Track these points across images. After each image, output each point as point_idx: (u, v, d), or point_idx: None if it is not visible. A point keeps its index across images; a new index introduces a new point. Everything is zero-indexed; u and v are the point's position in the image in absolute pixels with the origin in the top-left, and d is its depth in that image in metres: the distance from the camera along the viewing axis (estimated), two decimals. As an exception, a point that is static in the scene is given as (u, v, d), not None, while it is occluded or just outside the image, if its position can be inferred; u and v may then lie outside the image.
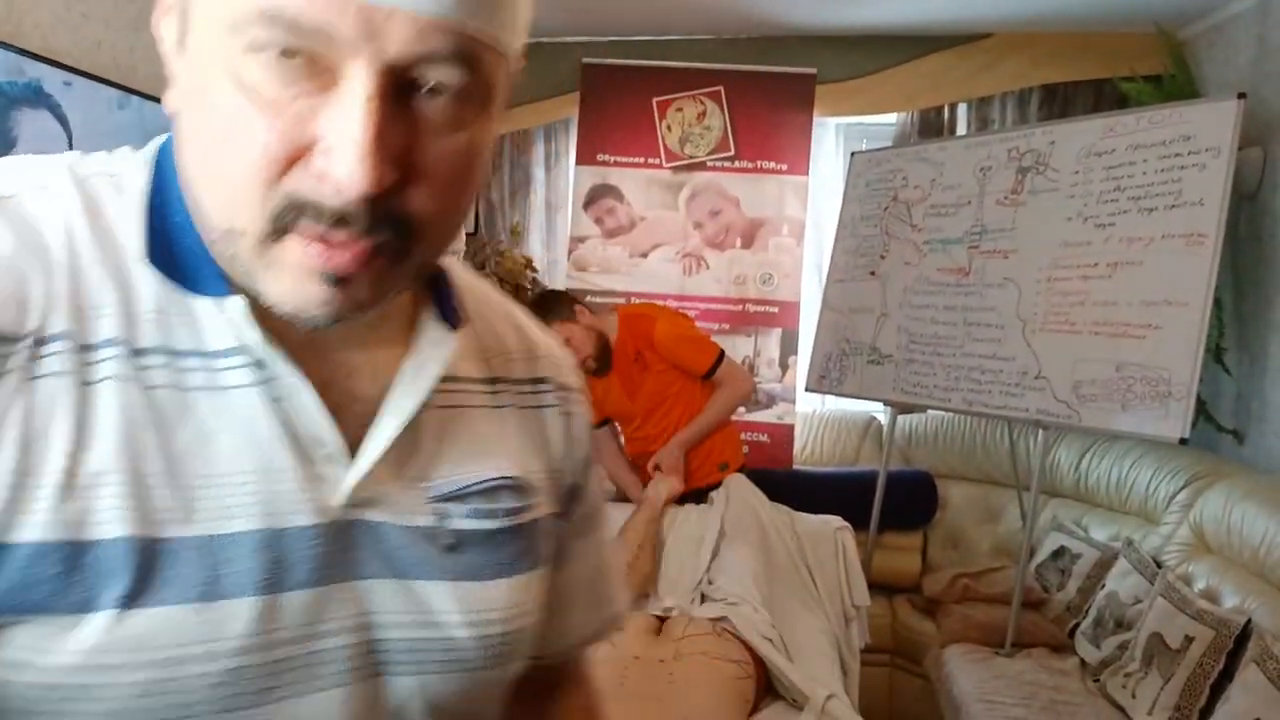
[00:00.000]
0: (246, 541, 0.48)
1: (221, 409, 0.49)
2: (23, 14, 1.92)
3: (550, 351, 0.69)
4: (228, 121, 0.45)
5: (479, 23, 0.46)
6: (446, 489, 0.56)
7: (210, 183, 0.47)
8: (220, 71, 0.44)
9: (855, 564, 2.48)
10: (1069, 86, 3.67)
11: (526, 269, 3.68)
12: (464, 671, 0.55)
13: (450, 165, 0.48)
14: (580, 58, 3.81)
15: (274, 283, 0.47)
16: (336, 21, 0.42)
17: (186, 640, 0.45)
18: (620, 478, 2.98)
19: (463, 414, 0.59)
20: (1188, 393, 2.44)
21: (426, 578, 0.54)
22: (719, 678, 1.80)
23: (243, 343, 0.49)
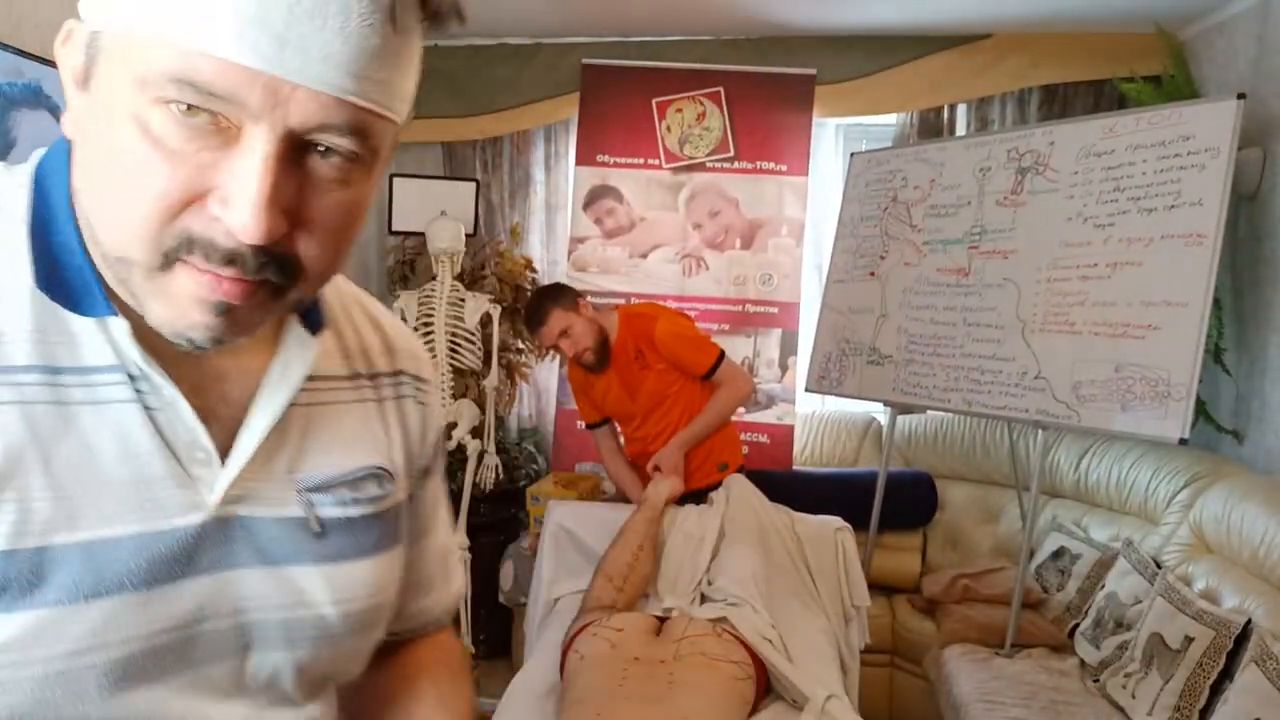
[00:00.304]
0: (128, 544, 0.52)
1: (101, 422, 0.52)
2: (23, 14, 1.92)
3: (408, 345, 0.73)
4: (130, 163, 0.48)
5: (373, 98, 0.50)
6: (315, 480, 0.61)
7: (107, 215, 0.50)
8: (125, 116, 0.47)
9: (855, 564, 2.48)
10: (1069, 87, 3.67)
11: (526, 269, 3.68)
12: (331, 643, 0.61)
13: (335, 217, 0.52)
14: (580, 58, 3.81)
15: (162, 308, 0.50)
16: (244, 92, 0.46)
17: (77, 635, 0.50)
18: (620, 478, 2.98)
19: (327, 409, 0.63)
20: (1187, 393, 2.44)
21: (297, 563, 0.59)
22: (719, 678, 1.80)
23: (122, 360, 0.53)
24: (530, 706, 1.92)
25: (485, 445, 3.24)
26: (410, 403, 0.71)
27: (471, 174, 3.93)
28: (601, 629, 1.96)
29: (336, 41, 0.47)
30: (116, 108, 0.48)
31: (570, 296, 2.72)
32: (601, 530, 2.55)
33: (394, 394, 0.70)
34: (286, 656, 0.60)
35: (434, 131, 3.93)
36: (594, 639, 1.93)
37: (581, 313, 2.71)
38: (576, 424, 3.65)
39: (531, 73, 3.88)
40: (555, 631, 2.26)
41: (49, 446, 0.51)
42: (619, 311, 2.86)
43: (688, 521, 2.52)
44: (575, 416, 3.58)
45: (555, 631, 2.26)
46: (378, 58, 0.49)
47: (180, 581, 0.54)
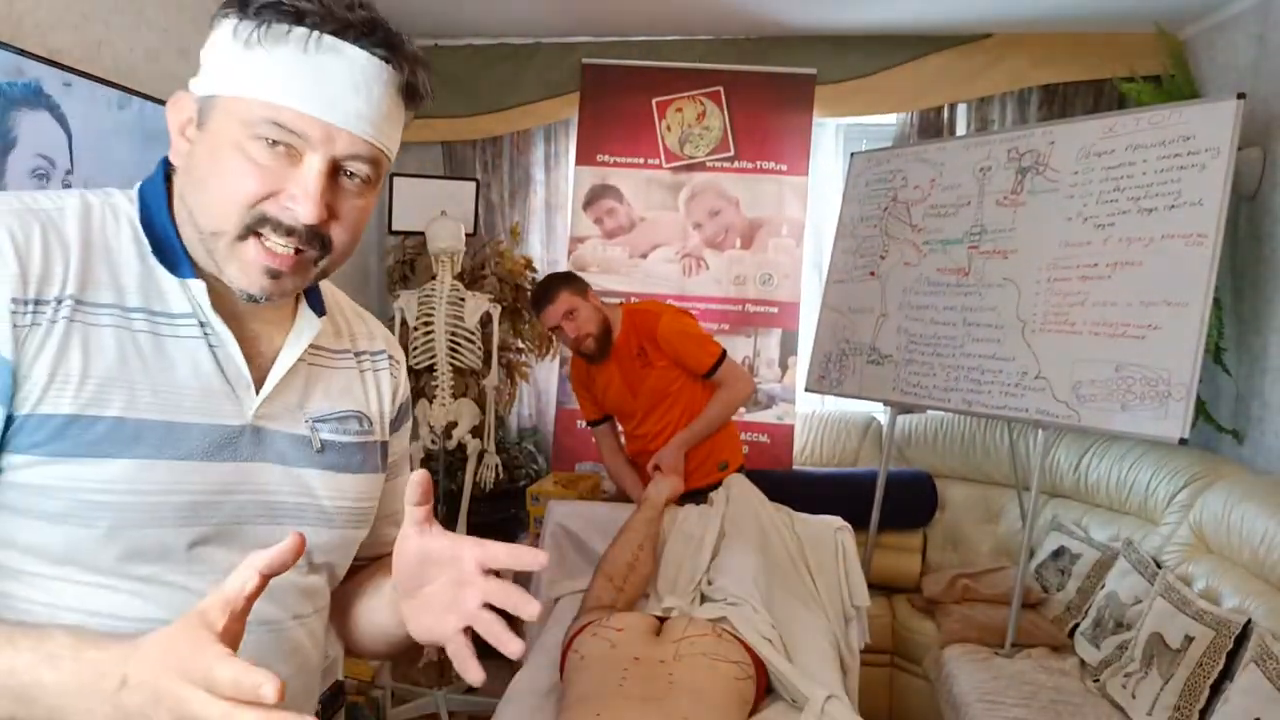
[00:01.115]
0: (194, 429, 0.79)
1: (181, 348, 0.80)
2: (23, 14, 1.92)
3: (384, 334, 1.02)
4: (232, 172, 0.77)
5: (382, 142, 0.82)
6: (316, 414, 0.89)
7: (210, 204, 0.79)
8: (231, 145, 0.77)
9: (855, 564, 2.48)
10: (1069, 87, 3.67)
11: (526, 269, 3.68)
12: (329, 528, 0.88)
13: (353, 216, 0.82)
14: (580, 58, 3.81)
15: (235, 271, 0.80)
16: (310, 131, 0.77)
17: (158, 479, 0.76)
18: (620, 476, 2.98)
19: (325, 370, 0.92)
20: (1187, 393, 2.44)
21: (304, 467, 0.86)
22: (719, 678, 1.80)
23: (195, 309, 0.81)
24: (530, 706, 1.92)
25: (485, 445, 3.24)
26: (385, 374, 0.98)
27: (471, 174, 3.93)
28: (601, 629, 1.96)
29: (366, 107, 0.79)
30: (224, 140, 0.77)
31: (580, 283, 2.77)
32: (601, 530, 2.55)
33: (373, 367, 0.97)
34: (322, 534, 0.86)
35: (434, 131, 3.93)
36: (594, 639, 1.93)
37: (589, 299, 2.73)
38: (577, 424, 3.65)
39: (531, 73, 3.88)
40: (555, 631, 2.26)
41: (147, 359, 0.78)
42: (623, 308, 2.86)
43: (688, 521, 2.52)
44: (575, 416, 3.58)
45: (555, 631, 2.26)
46: (385, 118, 0.81)
47: (226, 461, 0.81)
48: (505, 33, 3.85)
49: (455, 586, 0.78)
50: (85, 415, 0.74)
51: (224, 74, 0.78)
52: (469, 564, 0.76)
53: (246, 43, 0.76)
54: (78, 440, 0.73)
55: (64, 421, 0.73)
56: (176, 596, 0.78)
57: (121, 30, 2.26)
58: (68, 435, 0.73)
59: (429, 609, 0.80)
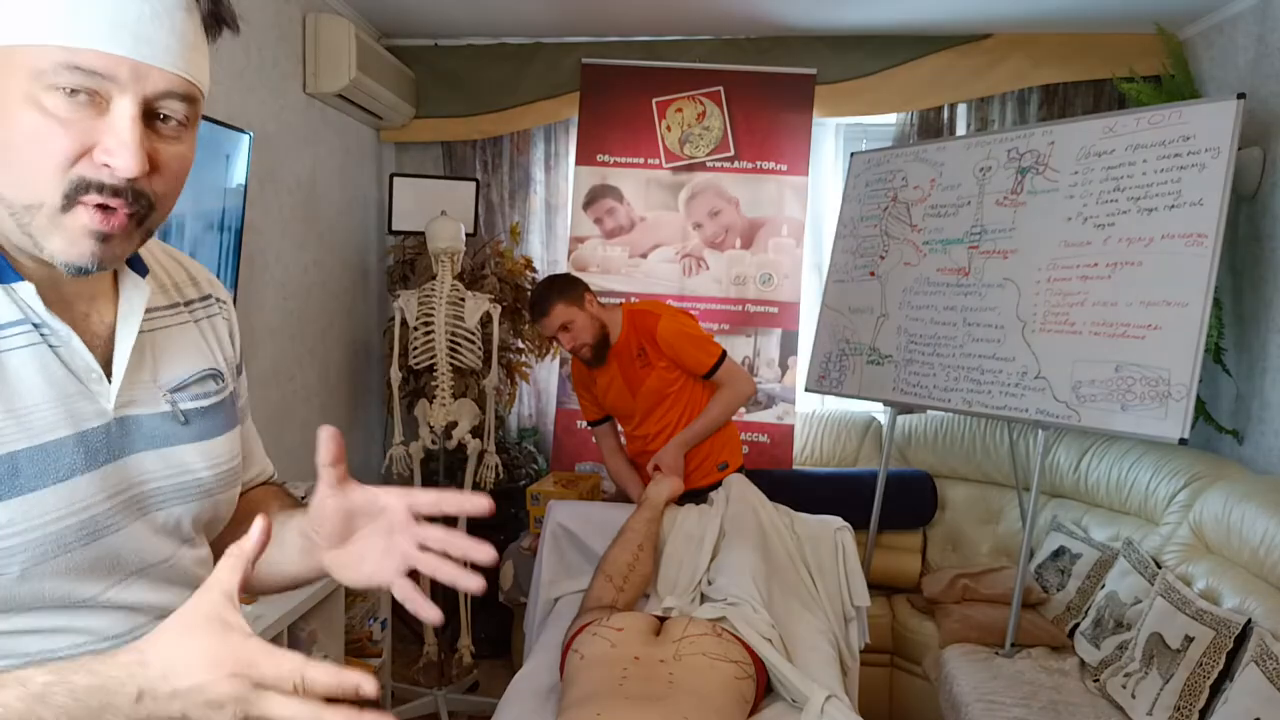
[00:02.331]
0: (67, 443, 0.73)
1: (23, 360, 0.72)
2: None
3: (205, 274, 0.96)
4: (30, 133, 0.67)
5: (195, 75, 0.73)
6: (172, 383, 0.83)
7: (15, 176, 0.68)
8: (21, 101, 0.67)
9: (855, 564, 2.48)
10: (1069, 87, 3.67)
11: (526, 269, 3.68)
12: (209, 496, 0.85)
13: (175, 163, 0.74)
14: (580, 58, 3.81)
15: (59, 242, 0.70)
16: (117, 71, 0.67)
17: (53, 507, 0.71)
18: (620, 476, 2.98)
19: (164, 332, 0.85)
20: (1187, 393, 2.44)
21: (176, 443, 0.82)
22: (719, 678, 1.80)
23: (24, 314, 0.72)
24: (530, 706, 1.92)
25: (485, 445, 3.24)
26: (219, 319, 0.94)
27: (471, 174, 3.93)
28: (601, 629, 1.96)
29: (172, 39, 0.70)
30: (13, 97, 0.67)
31: (577, 290, 2.73)
32: (601, 530, 2.55)
33: (205, 314, 0.92)
34: (182, 510, 0.82)
35: (434, 131, 3.93)
36: (594, 639, 1.93)
37: (586, 308, 2.72)
38: (577, 424, 3.65)
39: (531, 73, 3.88)
40: (555, 631, 2.26)
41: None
42: (623, 308, 2.86)
43: (688, 521, 2.52)
44: (575, 416, 3.58)
45: (555, 631, 2.26)
46: (194, 49, 0.72)
47: (105, 465, 0.75)
48: (505, 33, 3.85)
49: (385, 535, 0.82)
50: None
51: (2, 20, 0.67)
52: (398, 512, 0.81)
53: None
54: None
55: None
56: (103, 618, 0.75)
57: None
58: None
59: (366, 558, 0.83)
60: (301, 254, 3.22)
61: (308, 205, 3.26)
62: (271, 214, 2.95)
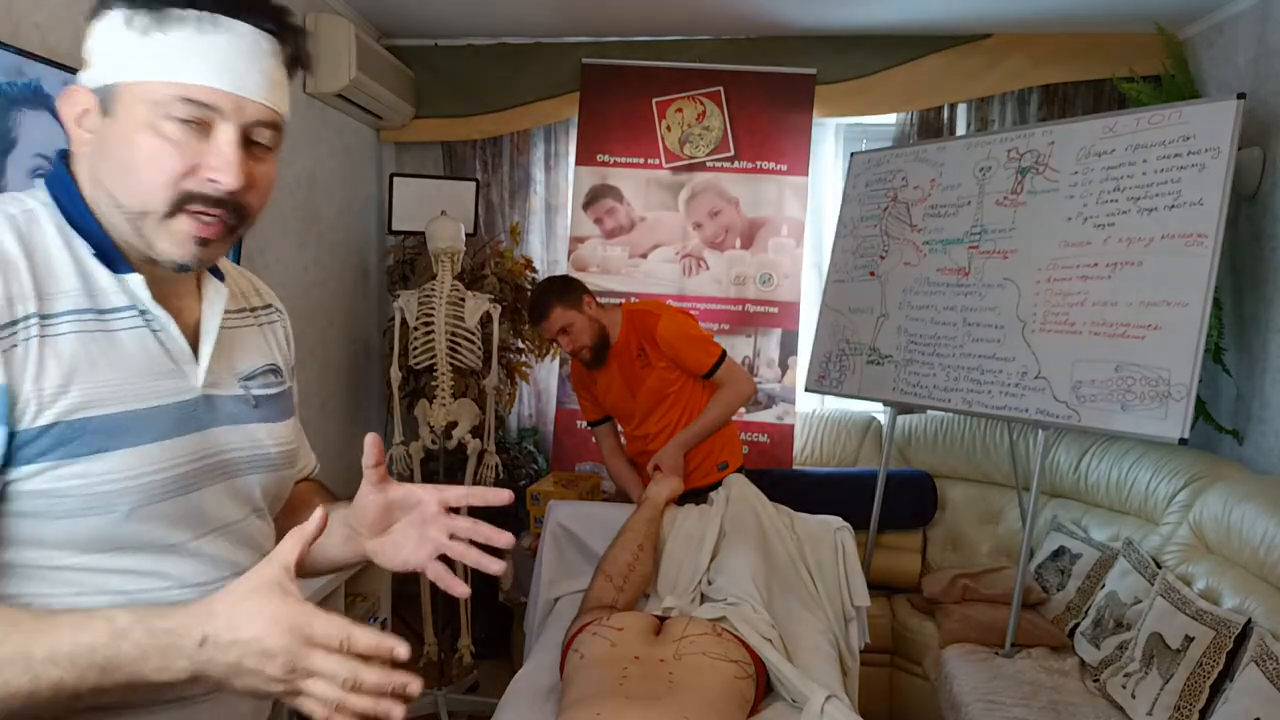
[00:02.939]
0: (162, 409, 0.87)
1: (129, 339, 0.86)
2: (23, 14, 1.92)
3: (265, 288, 1.13)
4: (148, 153, 0.83)
5: (280, 107, 0.89)
6: (243, 373, 0.98)
7: (132, 185, 0.84)
8: (143, 127, 0.82)
9: (855, 564, 2.48)
10: (1069, 87, 3.67)
11: (526, 269, 3.68)
12: (276, 471, 0.99)
13: (264, 180, 0.90)
14: (580, 58, 3.81)
15: (166, 243, 0.86)
16: (221, 103, 0.84)
17: (148, 461, 0.84)
18: (620, 476, 2.98)
19: (238, 332, 1.01)
20: (1187, 393, 2.44)
21: (249, 422, 0.96)
22: (719, 678, 1.80)
23: (132, 301, 0.87)
24: (530, 706, 1.92)
25: (485, 445, 3.24)
26: (277, 325, 1.10)
27: (471, 174, 3.93)
28: (601, 628, 1.96)
29: (262, 77, 0.86)
30: (136, 123, 0.83)
31: (575, 293, 2.72)
32: (601, 530, 2.55)
33: (267, 320, 1.08)
34: (255, 479, 0.96)
35: (434, 131, 3.93)
36: (594, 638, 1.93)
37: (584, 310, 2.72)
38: (577, 424, 3.65)
39: (531, 73, 3.88)
40: (555, 631, 2.26)
41: (107, 357, 0.84)
42: (623, 309, 2.86)
43: (688, 521, 2.52)
44: (575, 416, 3.58)
45: (555, 631, 2.26)
46: (278, 86, 0.88)
47: (194, 432, 0.90)
48: (505, 33, 3.85)
49: (420, 525, 0.98)
50: (75, 419, 0.80)
51: (123, 62, 0.83)
52: (430, 505, 0.98)
53: (144, 30, 0.82)
54: (74, 443, 0.80)
55: (61, 429, 0.80)
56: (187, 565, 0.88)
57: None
58: (65, 440, 0.80)
59: (403, 545, 0.99)
60: (301, 254, 3.22)
61: (308, 205, 3.26)
62: (271, 214, 2.95)
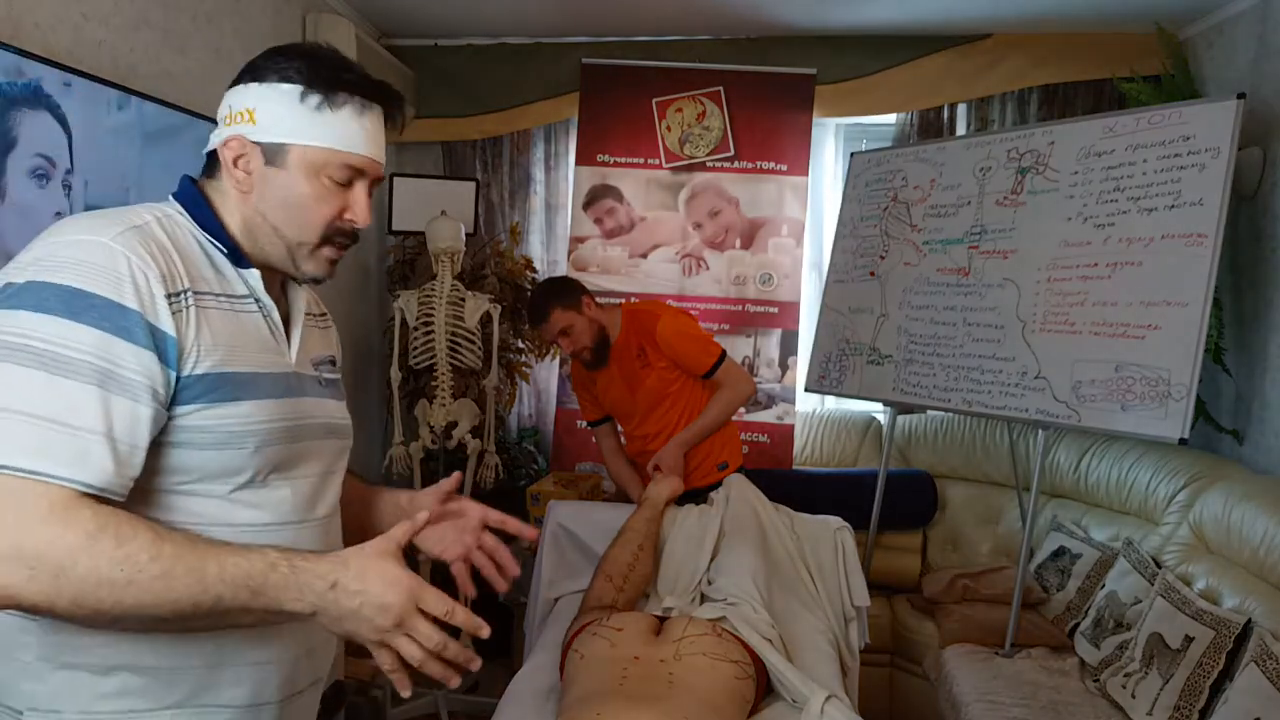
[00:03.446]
0: (275, 375, 1.08)
1: (249, 319, 1.08)
2: (22, 14, 1.92)
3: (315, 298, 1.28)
4: (313, 200, 1.08)
5: (384, 165, 1.14)
6: (316, 360, 1.20)
7: (296, 222, 1.09)
8: (308, 180, 1.07)
9: (855, 564, 2.48)
10: (1069, 87, 3.67)
11: (526, 269, 3.68)
12: (341, 439, 1.21)
13: (372, 216, 1.15)
14: (580, 58, 3.81)
15: (311, 265, 1.12)
16: (365, 167, 1.10)
17: (270, 412, 1.04)
18: (620, 476, 2.98)
19: (311, 330, 1.21)
20: (1187, 393, 2.44)
21: (325, 398, 1.19)
22: (719, 678, 1.80)
23: (251, 291, 1.09)
24: (530, 706, 1.92)
25: (485, 444, 3.24)
26: (331, 330, 1.31)
27: (471, 174, 3.93)
28: (601, 628, 1.96)
29: (379, 142, 1.12)
30: (302, 177, 1.07)
31: (574, 295, 2.72)
32: (601, 530, 2.54)
33: (324, 325, 1.29)
34: (330, 444, 1.18)
35: (434, 131, 3.93)
36: (594, 638, 1.93)
37: (584, 311, 2.71)
38: (577, 424, 3.65)
39: (531, 73, 3.88)
40: (555, 631, 2.26)
41: (236, 330, 1.05)
42: (623, 309, 2.85)
43: (688, 521, 2.52)
44: (575, 416, 3.58)
45: (555, 631, 2.26)
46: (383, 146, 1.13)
47: (294, 397, 1.10)
48: (505, 33, 3.85)
49: (459, 530, 1.29)
50: (220, 372, 1.00)
51: (296, 129, 1.06)
52: (474, 519, 1.30)
53: (316, 108, 1.06)
54: (219, 390, 1.00)
55: (211, 378, 0.99)
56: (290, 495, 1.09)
57: (121, 30, 2.26)
58: (214, 388, 0.99)
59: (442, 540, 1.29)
60: (301, 254, 3.21)
61: (308, 205, 3.26)
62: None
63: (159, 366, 0.94)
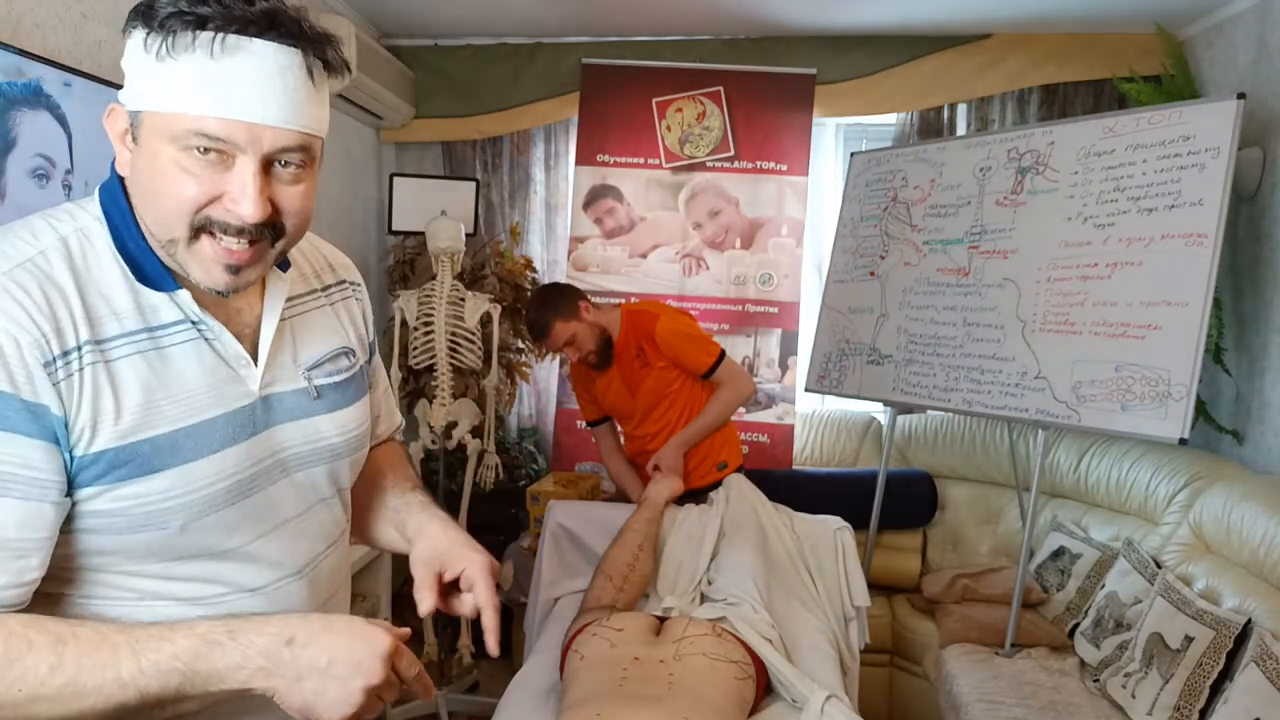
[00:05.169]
0: (217, 421, 0.88)
1: (184, 352, 0.87)
2: (22, 14, 1.92)
3: (341, 260, 1.13)
4: (171, 183, 0.81)
5: (309, 127, 0.84)
6: (309, 362, 0.99)
7: (159, 214, 0.83)
8: (166, 159, 0.81)
9: (855, 564, 2.48)
10: (1069, 87, 3.67)
11: (526, 269, 3.68)
12: (340, 459, 1.02)
13: (297, 200, 0.86)
14: (580, 58, 3.81)
15: (197, 269, 0.85)
16: (236, 135, 0.80)
17: (206, 475, 0.87)
18: (620, 476, 2.98)
19: (306, 317, 1.01)
20: (1187, 393, 2.44)
21: (311, 415, 0.98)
22: (719, 678, 1.80)
23: (185, 314, 0.88)
24: (530, 706, 1.92)
25: (485, 445, 3.24)
26: (352, 301, 1.10)
27: (471, 174, 3.93)
28: (601, 629, 1.96)
29: (283, 97, 0.81)
30: (159, 155, 0.81)
31: (571, 304, 2.71)
32: (601, 530, 2.55)
33: (340, 297, 1.08)
34: (318, 470, 1.00)
35: (434, 131, 3.93)
36: (594, 639, 1.93)
37: (583, 318, 2.71)
38: (577, 424, 3.65)
39: (531, 73, 3.88)
40: (555, 631, 2.26)
41: (160, 375, 0.85)
42: (622, 309, 2.85)
43: (688, 521, 2.52)
44: (575, 416, 3.58)
45: (555, 631, 2.26)
46: (307, 103, 0.84)
47: (249, 439, 0.91)
48: (505, 33, 3.85)
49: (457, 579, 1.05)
50: (128, 444, 0.83)
51: (144, 89, 0.81)
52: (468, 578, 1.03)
53: (158, 55, 0.79)
54: (127, 466, 0.83)
55: (112, 453, 0.82)
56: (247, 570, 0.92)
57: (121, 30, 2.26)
58: (120, 464, 0.83)
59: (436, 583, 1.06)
60: (301, 254, 3.21)
61: (308, 205, 3.26)
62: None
63: (45, 450, 0.79)
